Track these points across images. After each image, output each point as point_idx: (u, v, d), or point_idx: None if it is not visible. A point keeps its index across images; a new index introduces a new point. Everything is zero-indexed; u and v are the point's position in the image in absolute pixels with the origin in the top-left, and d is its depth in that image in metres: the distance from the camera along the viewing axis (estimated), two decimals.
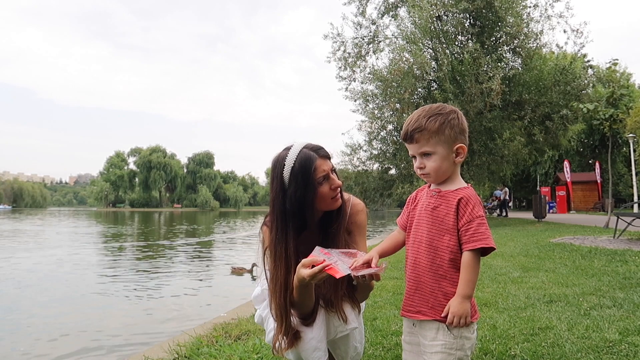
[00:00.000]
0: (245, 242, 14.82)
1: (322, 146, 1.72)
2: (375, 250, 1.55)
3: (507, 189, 24.92)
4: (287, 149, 1.69)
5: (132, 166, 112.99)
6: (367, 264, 1.47)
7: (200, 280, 7.43)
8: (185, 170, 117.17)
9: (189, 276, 7.77)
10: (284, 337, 1.65)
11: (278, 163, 1.67)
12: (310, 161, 1.63)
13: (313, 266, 1.50)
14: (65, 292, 6.42)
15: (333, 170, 1.72)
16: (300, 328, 1.68)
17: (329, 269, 1.47)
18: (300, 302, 1.64)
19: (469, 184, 1.46)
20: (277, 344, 1.67)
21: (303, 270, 1.51)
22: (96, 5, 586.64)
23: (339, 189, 1.73)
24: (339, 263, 1.49)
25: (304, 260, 1.54)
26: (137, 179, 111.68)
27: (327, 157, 1.70)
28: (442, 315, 1.36)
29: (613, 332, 2.48)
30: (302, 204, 1.64)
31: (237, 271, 7.93)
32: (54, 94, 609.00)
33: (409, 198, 1.59)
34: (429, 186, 1.51)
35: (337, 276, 1.46)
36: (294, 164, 1.63)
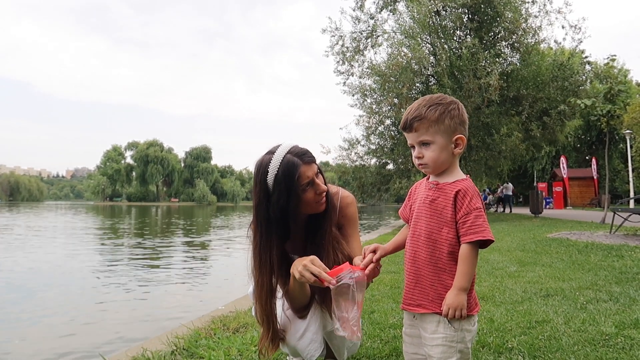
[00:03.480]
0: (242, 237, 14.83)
1: (307, 150, 1.66)
2: (383, 249, 1.53)
3: (512, 185, 24.90)
4: (271, 152, 1.62)
5: (129, 160, 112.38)
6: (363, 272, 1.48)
7: (198, 274, 7.43)
8: (182, 165, 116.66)
9: (186, 270, 7.77)
10: (271, 343, 1.63)
11: (261, 168, 1.60)
12: (294, 168, 1.56)
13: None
14: (60, 287, 6.40)
15: (319, 172, 1.67)
16: (295, 321, 1.68)
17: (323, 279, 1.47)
18: (293, 291, 1.64)
19: (467, 176, 1.45)
20: (263, 349, 1.65)
21: (306, 268, 1.49)
22: None
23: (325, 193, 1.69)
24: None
25: (313, 261, 1.51)
26: (134, 173, 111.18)
27: (312, 161, 1.64)
28: (442, 308, 1.37)
29: (609, 325, 2.50)
30: (286, 211, 1.60)
31: None
32: (51, 88, 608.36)
33: (410, 190, 1.58)
34: (428, 178, 1.50)
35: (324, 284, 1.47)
36: (277, 170, 1.57)
